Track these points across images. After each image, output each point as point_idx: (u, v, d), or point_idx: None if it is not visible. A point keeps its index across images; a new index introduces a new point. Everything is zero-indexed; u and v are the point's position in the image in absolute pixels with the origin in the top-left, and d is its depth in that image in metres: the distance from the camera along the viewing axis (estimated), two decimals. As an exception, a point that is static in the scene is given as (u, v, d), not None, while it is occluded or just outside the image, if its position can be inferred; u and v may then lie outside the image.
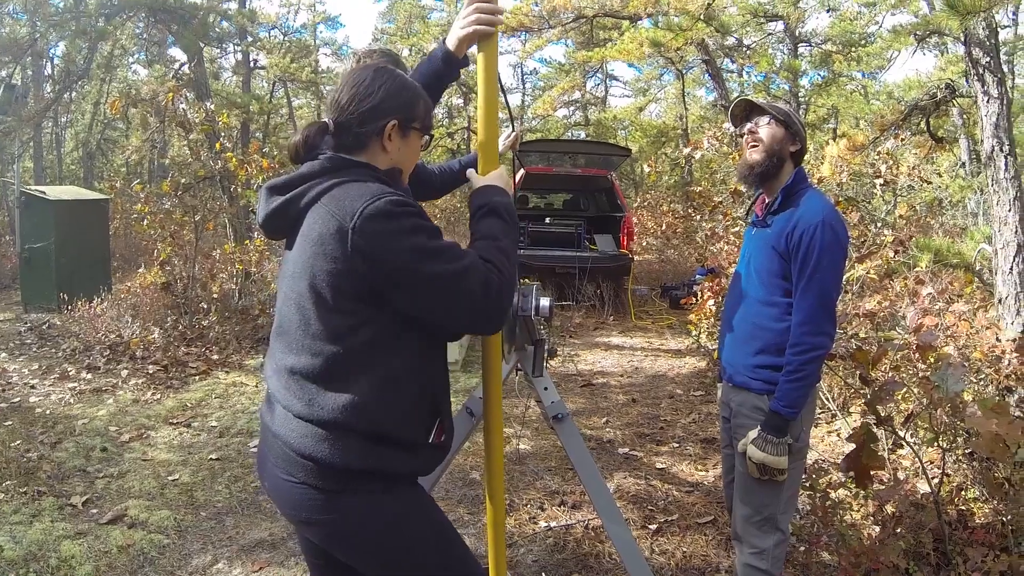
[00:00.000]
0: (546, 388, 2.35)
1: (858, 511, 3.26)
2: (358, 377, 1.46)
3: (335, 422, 1.45)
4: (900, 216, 6.76)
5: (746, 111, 2.31)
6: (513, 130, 2.78)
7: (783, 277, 2.14)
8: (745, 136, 2.29)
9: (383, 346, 1.48)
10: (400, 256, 1.40)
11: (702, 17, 8.38)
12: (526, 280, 2.05)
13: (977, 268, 4.53)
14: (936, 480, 2.81)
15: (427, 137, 1.65)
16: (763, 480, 2.15)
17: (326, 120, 1.59)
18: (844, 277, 4.28)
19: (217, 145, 7.96)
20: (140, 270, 7.73)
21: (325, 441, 1.45)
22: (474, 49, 1.83)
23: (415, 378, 1.52)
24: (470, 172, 1.79)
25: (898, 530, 2.75)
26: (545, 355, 2.29)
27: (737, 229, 6.41)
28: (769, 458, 2.08)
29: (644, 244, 14.43)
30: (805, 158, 2.31)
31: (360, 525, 1.50)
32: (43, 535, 3.23)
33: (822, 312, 2.07)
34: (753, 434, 2.13)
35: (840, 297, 4.25)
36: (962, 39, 3.74)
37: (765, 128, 2.23)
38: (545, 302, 2.00)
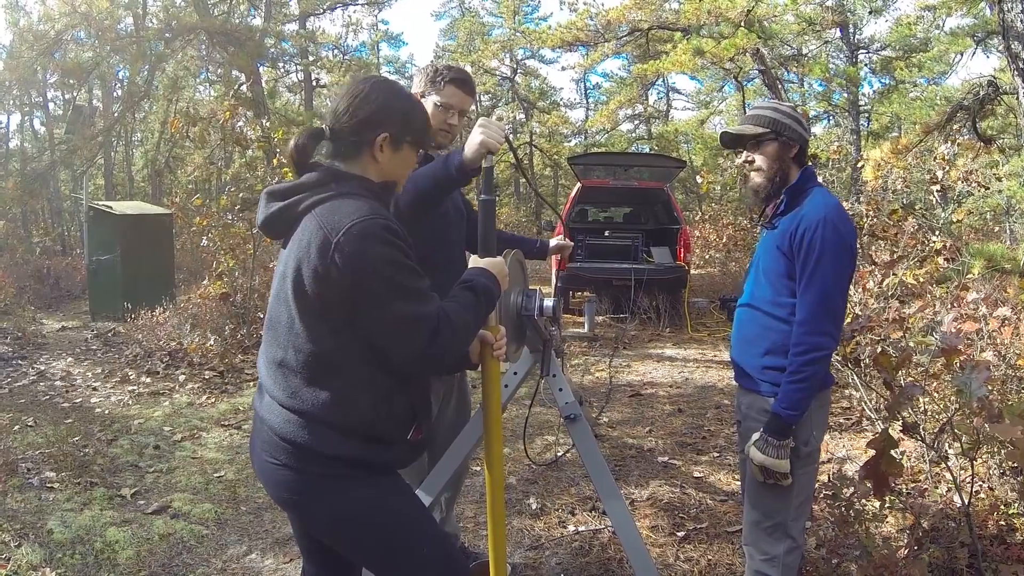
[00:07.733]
0: (561, 389, 2.39)
1: (893, 525, 3.16)
2: (336, 376, 1.56)
3: (314, 414, 1.55)
4: (957, 222, 6.49)
5: (735, 139, 2.25)
6: (568, 239, 3.07)
7: (789, 277, 2.10)
8: (743, 164, 2.26)
9: (357, 351, 1.56)
10: (370, 280, 1.48)
11: (742, 24, 8.26)
12: (584, 293, 2.10)
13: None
14: (968, 492, 2.70)
15: (422, 151, 1.71)
16: (769, 484, 2.12)
17: (323, 127, 1.67)
18: (885, 283, 4.18)
19: (274, 161, 8.19)
20: (204, 282, 8.03)
21: (305, 429, 1.55)
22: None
23: (390, 383, 1.60)
24: (473, 256, 1.85)
25: (930, 545, 2.66)
26: (553, 355, 2.32)
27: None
28: (769, 460, 2.05)
29: (707, 257, 14.20)
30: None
31: (333, 507, 1.59)
32: (91, 521, 3.43)
33: (823, 312, 2.03)
34: (756, 436, 2.11)
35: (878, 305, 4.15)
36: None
37: (758, 153, 2.19)
38: (549, 303, 2.04)
